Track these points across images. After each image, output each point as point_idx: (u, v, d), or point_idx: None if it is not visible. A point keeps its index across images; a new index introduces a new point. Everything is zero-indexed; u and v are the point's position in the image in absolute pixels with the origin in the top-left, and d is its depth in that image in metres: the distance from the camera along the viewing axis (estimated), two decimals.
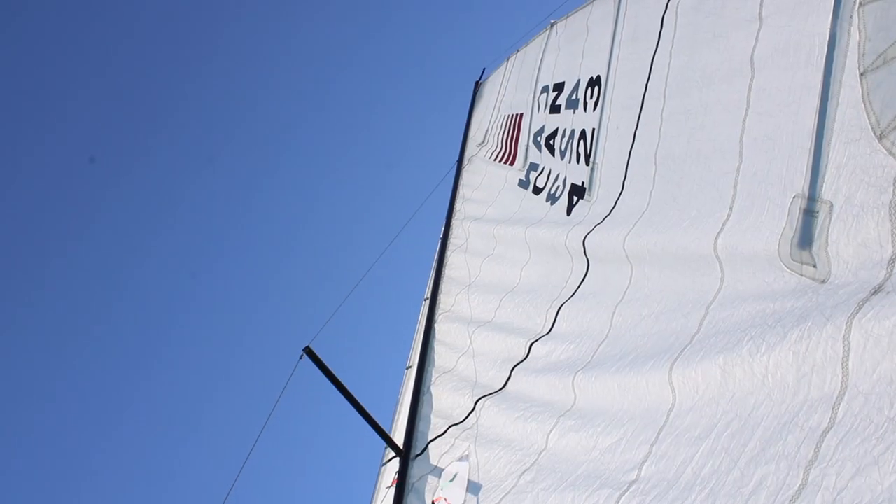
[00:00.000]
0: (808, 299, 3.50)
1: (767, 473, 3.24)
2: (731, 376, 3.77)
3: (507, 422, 6.23)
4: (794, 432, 3.19)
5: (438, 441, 7.05)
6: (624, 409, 4.75)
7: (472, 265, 10.62)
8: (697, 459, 3.78)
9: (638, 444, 4.37)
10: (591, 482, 4.60)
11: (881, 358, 2.87)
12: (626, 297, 5.68)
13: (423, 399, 8.09)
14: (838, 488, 2.81)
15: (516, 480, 5.47)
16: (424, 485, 6.67)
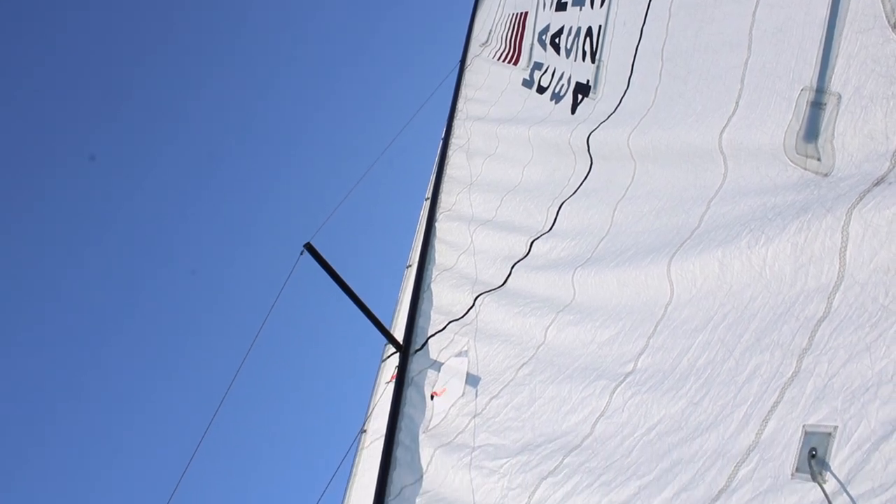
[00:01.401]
0: (809, 192, 3.49)
1: (762, 362, 3.29)
2: (730, 269, 3.79)
3: (506, 317, 6.30)
4: (790, 322, 3.23)
5: (438, 336, 7.16)
6: (622, 303, 4.80)
7: (473, 165, 10.58)
8: (693, 350, 3.84)
9: (635, 337, 4.43)
10: (587, 374, 4.69)
11: (879, 248, 2.88)
12: (628, 194, 5.66)
13: (423, 296, 8.18)
14: (829, 374, 2.86)
15: (514, 373, 5.57)
16: (424, 378, 6.81)
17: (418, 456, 5.88)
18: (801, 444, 2.82)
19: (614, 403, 4.22)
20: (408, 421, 6.39)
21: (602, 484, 3.88)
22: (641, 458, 3.75)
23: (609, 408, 4.25)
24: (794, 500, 2.74)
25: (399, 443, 6.21)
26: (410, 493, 5.58)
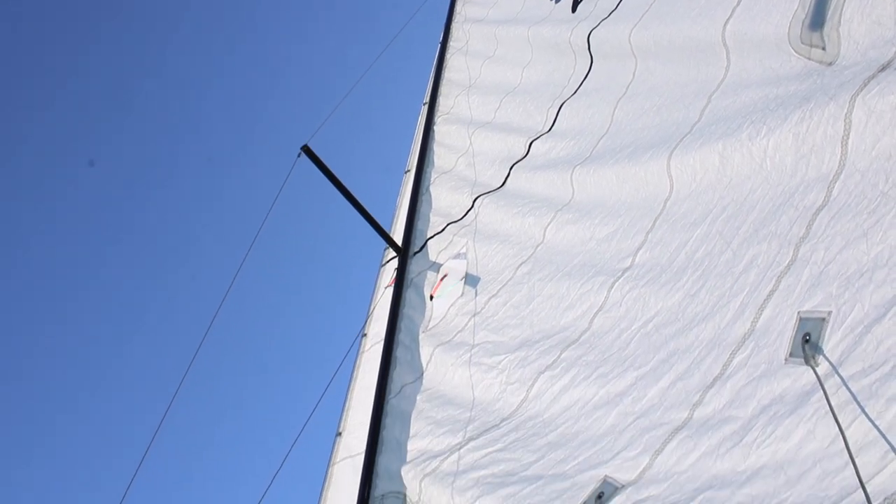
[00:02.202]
0: (812, 81, 3.44)
1: (759, 252, 3.30)
2: (730, 161, 3.77)
3: (504, 218, 6.31)
4: (788, 212, 3.22)
5: (437, 238, 7.17)
6: (621, 200, 4.80)
7: (472, 67, 10.41)
8: (691, 244, 3.86)
9: (634, 233, 4.44)
10: (586, 271, 4.71)
11: (881, 134, 2.86)
12: (628, 91, 5.59)
13: (421, 199, 8.17)
14: (826, 261, 2.87)
15: (513, 272, 5.61)
16: (423, 280, 6.86)
17: (418, 355, 5.96)
18: (795, 330, 2.85)
19: (612, 298, 4.26)
20: (407, 321, 6.46)
21: (599, 376, 3.95)
22: (638, 350, 3.80)
23: (607, 303, 4.29)
24: (787, 384, 2.79)
25: (399, 343, 6.29)
26: (411, 391, 5.68)
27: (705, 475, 2.95)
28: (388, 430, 5.53)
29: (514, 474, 4.03)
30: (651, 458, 3.27)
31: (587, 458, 3.63)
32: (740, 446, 2.86)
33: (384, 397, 5.81)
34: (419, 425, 5.19)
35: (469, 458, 4.45)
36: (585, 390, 3.97)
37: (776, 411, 2.78)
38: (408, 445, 5.15)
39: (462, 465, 4.45)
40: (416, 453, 5.01)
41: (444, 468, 4.60)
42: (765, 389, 2.88)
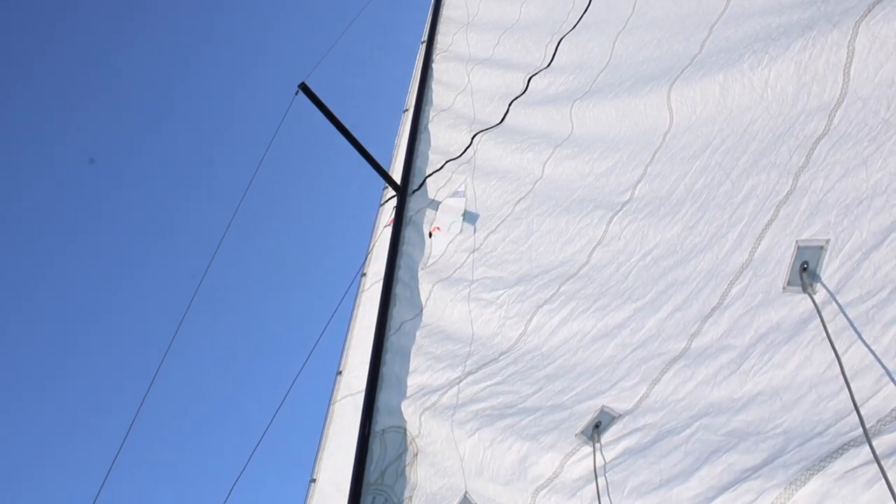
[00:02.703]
0: (816, 9, 3.39)
1: (758, 183, 3.29)
2: (730, 92, 3.73)
3: (503, 154, 6.28)
4: (788, 142, 3.20)
5: (435, 176, 7.14)
6: (621, 134, 4.77)
7: (470, 4, 10.24)
8: (690, 176, 3.84)
9: (633, 167, 4.43)
10: (585, 205, 4.71)
11: (885, 60, 2.82)
12: (628, 25, 5.52)
13: (419, 137, 8.12)
14: (825, 190, 2.86)
15: (512, 208, 5.60)
16: (422, 217, 6.85)
17: (417, 292, 5.98)
18: (793, 258, 2.86)
19: (611, 232, 4.26)
20: (407, 259, 6.47)
21: (598, 308, 3.97)
22: (637, 282, 3.82)
23: (606, 236, 4.29)
24: (784, 313, 2.81)
25: (398, 280, 6.31)
26: (410, 328, 5.71)
27: (702, 403, 2.99)
28: (387, 367, 5.59)
29: (513, 406, 4.08)
30: (648, 387, 3.31)
31: (585, 389, 3.67)
32: (737, 374, 2.89)
33: (384, 334, 5.86)
34: (419, 361, 5.23)
35: (468, 392, 4.50)
36: (584, 323, 4.00)
37: (773, 339, 2.80)
38: (407, 381, 5.21)
39: (461, 399, 4.50)
40: (415, 388, 5.06)
41: (444, 402, 4.65)
42: (762, 318, 2.90)
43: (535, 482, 3.59)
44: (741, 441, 2.71)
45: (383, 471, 4.95)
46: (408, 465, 4.74)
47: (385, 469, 4.94)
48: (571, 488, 3.37)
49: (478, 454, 4.10)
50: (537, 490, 3.56)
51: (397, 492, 4.69)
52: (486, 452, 4.03)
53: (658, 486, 2.93)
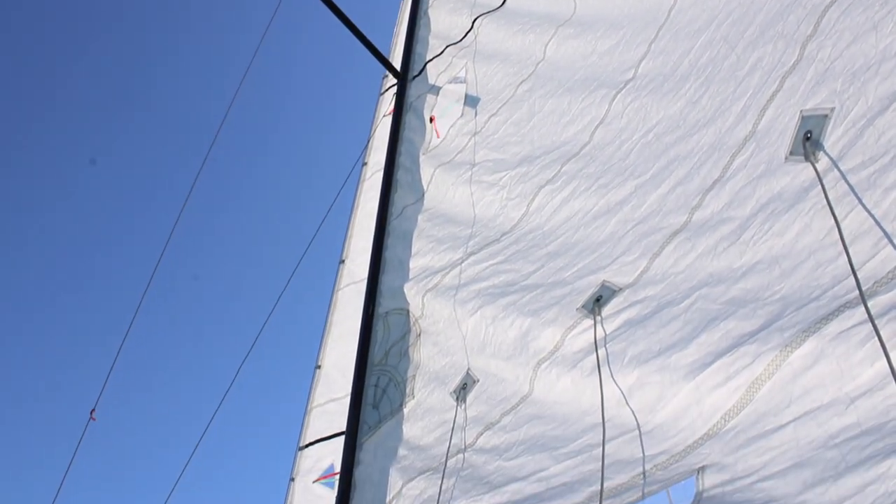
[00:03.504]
0: None
1: (764, 54, 3.24)
2: None
3: (505, 37, 6.16)
4: (796, 11, 3.14)
5: (436, 61, 7.02)
6: (624, 12, 4.67)
7: None
8: (695, 51, 3.78)
9: (637, 44, 4.35)
10: (587, 85, 4.65)
11: None
12: None
13: (419, 23, 7.94)
14: (832, 58, 2.82)
15: (514, 91, 5.53)
16: (423, 103, 6.77)
17: (419, 177, 5.97)
18: (797, 128, 2.84)
19: (614, 110, 4.22)
20: (408, 144, 6.43)
21: (599, 186, 3.97)
22: (639, 159, 3.81)
23: (608, 115, 4.25)
24: (785, 182, 2.81)
25: (399, 166, 6.28)
26: (412, 212, 5.73)
27: (701, 274, 3.03)
28: (390, 251, 5.63)
29: (515, 284, 4.14)
30: (649, 261, 3.35)
31: (586, 265, 3.71)
32: (737, 244, 2.92)
33: (386, 219, 5.88)
34: (421, 244, 5.27)
35: (470, 272, 4.56)
36: (585, 201, 4.01)
37: (774, 209, 2.81)
38: (410, 264, 5.26)
39: (463, 279, 4.56)
40: (418, 271, 5.12)
41: (446, 282, 4.71)
42: (764, 189, 2.90)
43: (536, 356, 3.68)
44: (739, 308, 2.76)
45: (387, 352, 5.05)
46: (411, 346, 4.83)
47: (389, 350, 5.04)
48: (572, 360, 3.45)
49: (480, 332, 4.18)
50: (539, 363, 3.65)
51: (401, 371, 4.80)
52: (488, 329, 4.11)
53: (657, 354, 3.00)
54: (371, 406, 4.91)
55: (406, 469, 4.24)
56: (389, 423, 4.63)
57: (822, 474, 2.20)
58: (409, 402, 4.55)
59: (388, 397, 4.78)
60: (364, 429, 4.85)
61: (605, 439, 3.01)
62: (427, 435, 4.27)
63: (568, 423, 3.32)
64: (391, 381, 4.84)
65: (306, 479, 8.17)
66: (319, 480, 8.06)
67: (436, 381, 4.44)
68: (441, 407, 4.27)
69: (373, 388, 4.98)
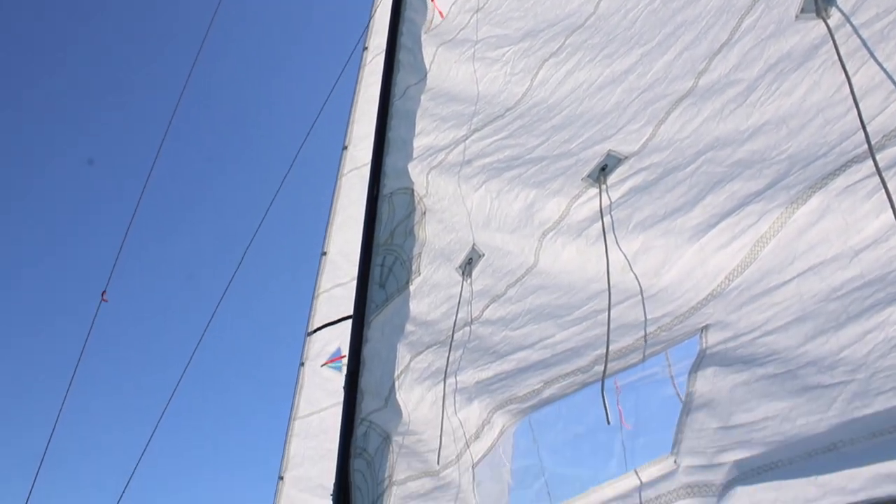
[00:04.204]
0: None
1: None
2: None
3: None
4: None
5: None
6: None
7: None
8: None
9: None
10: None
11: None
12: None
13: None
14: None
15: None
16: None
17: (421, 56, 5.86)
18: None
19: None
20: (409, 24, 6.28)
21: (604, 57, 3.90)
22: (644, 26, 3.72)
23: None
24: (795, 41, 2.75)
25: (401, 46, 6.16)
26: (415, 92, 5.64)
27: (707, 138, 3.01)
28: (393, 131, 5.57)
29: (519, 158, 4.12)
30: (654, 128, 3.32)
31: (591, 136, 3.68)
32: (744, 107, 2.88)
33: (389, 100, 5.80)
34: (424, 123, 5.21)
35: (474, 148, 4.53)
36: (590, 72, 3.94)
37: (783, 68, 2.77)
38: (413, 143, 5.22)
39: (468, 155, 4.54)
40: (422, 150, 5.08)
41: (451, 159, 4.69)
42: (772, 49, 2.85)
43: (541, 227, 3.70)
44: (745, 170, 2.75)
45: (392, 231, 5.07)
46: (416, 224, 4.85)
47: (394, 230, 5.06)
48: (577, 229, 3.47)
49: (485, 206, 4.19)
50: (544, 234, 3.67)
51: (406, 250, 4.83)
52: (493, 203, 4.11)
53: (662, 219, 3.01)
54: (378, 285, 4.97)
55: (414, 344, 4.33)
56: (396, 301, 4.70)
57: (824, 326, 2.24)
58: (416, 279, 4.60)
59: (395, 276, 4.83)
60: (371, 307, 4.92)
61: (610, 304, 3.05)
62: (434, 310, 4.34)
63: (573, 291, 3.36)
64: (397, 259, 4.88)
65: (315, 363, 8.35)
66: (327, 364, 8.24)
67: (441, 257, 4.47)
68: (447, 282, 4.32)
69: (379, 267, 5.03)
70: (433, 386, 4.00)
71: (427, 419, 3.98)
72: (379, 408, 4.42)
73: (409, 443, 4.08)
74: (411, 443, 4.06)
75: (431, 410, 3.96)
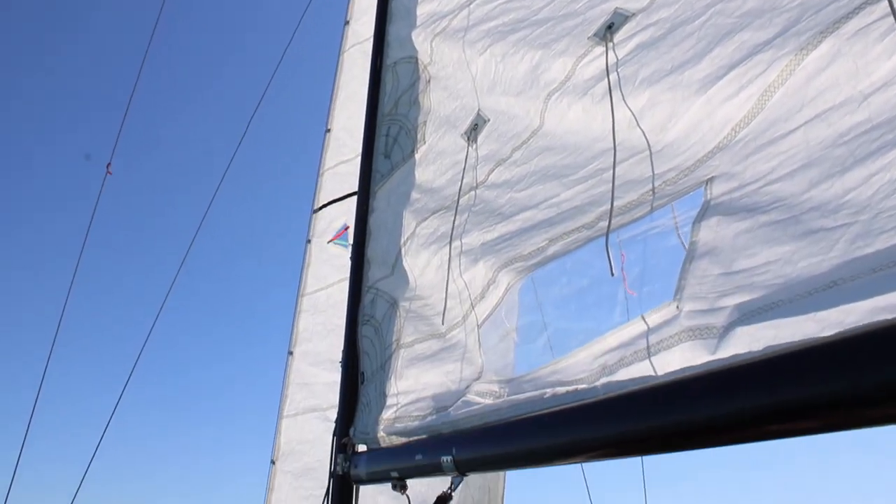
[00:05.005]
0: None
1: None
2: None
3: None
4: None
5: None
6: None
7: None
8: None
9: None
10: None
11: None
12: None
13: None
14: None
15: None
16: None
17: None
18: None
19: None
20: None
21: None
22: None
23: None
24: None
25: None
26: None
27: None
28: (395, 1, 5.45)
29: (525, 20, 4.02)
30: None
31: None
32: None
33: None
34: None
35: (479, 13, 4.42)
36: None
37: None
38: (416, 11, 5.10)
39: (472, 20, 4.43)
40: (425, 17, 4.97)
41: (455, 25, 4.59)
42: None
43: (546, 88, 3.65)
44: (755, 19, 2.69)
45: (397, 101, 5.02)
46: (421, 93, 4.80)
47: (398, 99, 5.01)
48: (583, 88, 3.42)
49: (490, 70, 4.12)
50: (549, 95, 3.62)
51: (411, 119, 4.79)
52: (498, 67, 4.05)
53: (669, 73, 2.97)
54: (383, 156, 4.96)
55: (419, 211, 4.35)
56: (401, 170, 4.69)
57: (830, 171, 2.24)
58: (421, 147, 4.59)
59: (400, 145, 4.81)
60: (376, 178, 4.93)
61: (615, 162, 3.05)
62: (439, 177, 4.34)
63: (579, 150, 3.35)
64: (402, 129, 4.85)
65: (321, 239, 8.42)
66: (334, 240, 8.30)
67: (446, 124, 4.44)
68: (452, 149, 4.30)
69: (384, 137, 5.01)
70: (439, 250, 4.04)
71: (433, 283, 4.04)
72: (385, 276, 4.48)
73: (416, 307, 4.15)
74: (418, 307, 4.14)
75: (437, 274, 4.02)
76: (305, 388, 8.17)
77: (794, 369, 1.63)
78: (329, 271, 8.15)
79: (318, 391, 8.04)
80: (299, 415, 8.14)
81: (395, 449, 3.75)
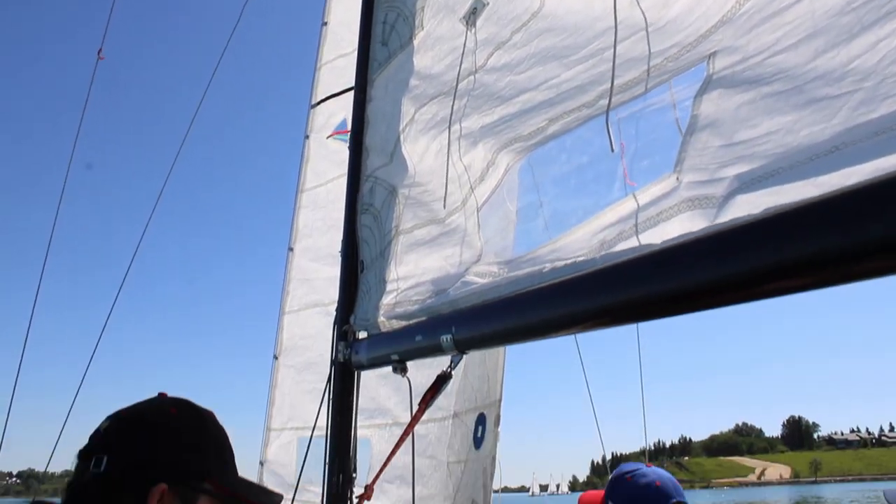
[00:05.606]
0: None
1: None
2: None
3: None
4: None
5: None
6: None
7: None
8: None
9: None
10: None
11: None
12: None
13: None
14: None
15: None
16: None
17: None
18: None
19: None
20: None
21: None
22: None
23: None
24: None
25: None
26: None
27: None
28: None
29: None
30: None
31: None
32: None
33: None
34: None
35: None
36: None
37: None
38: None
39: None
40: None
41: None
42: None
43: None
44: None
45: None
46: None
47: None
48: None
49: None
50: None
51: (409, 5, 4.68)
52: None
53: None
54: (380, 43, 4.87)
55: (418, 97, 4.29)
56: (399, 57, 4.61)
57: (836, 39, 2.20)
58: (419, 33, 4.49)
59: (397, 32, 4.71)
60: (374, 66, 4.85)
61: (616, 40, 3.00)
62: (438, 63, 4.27)
63: (579, 31, 3.29)
64: (399, 15, 4.74)
65: (320, 135, 8.35)
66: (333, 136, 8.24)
67: (445, 9, 4.34)
68: (451, 34, 4.22)
69: (381, 24, 4.90)
70: (438, 135, 4.02)
71: (432, 169, 4.03)
72: (384, 164, 4.46)
73: (415, 194, 4.15)
74: (417, 193, 4.14)
75: (437, 159, 4.00)
76: (306, 283, 8.24)
77: (794, 224, 1.64)
78: (328, 166, 8.12)
79: (319, 286, 8.12)
80: (301, 310, 8.25)
81: (395, 333, 3.81)
